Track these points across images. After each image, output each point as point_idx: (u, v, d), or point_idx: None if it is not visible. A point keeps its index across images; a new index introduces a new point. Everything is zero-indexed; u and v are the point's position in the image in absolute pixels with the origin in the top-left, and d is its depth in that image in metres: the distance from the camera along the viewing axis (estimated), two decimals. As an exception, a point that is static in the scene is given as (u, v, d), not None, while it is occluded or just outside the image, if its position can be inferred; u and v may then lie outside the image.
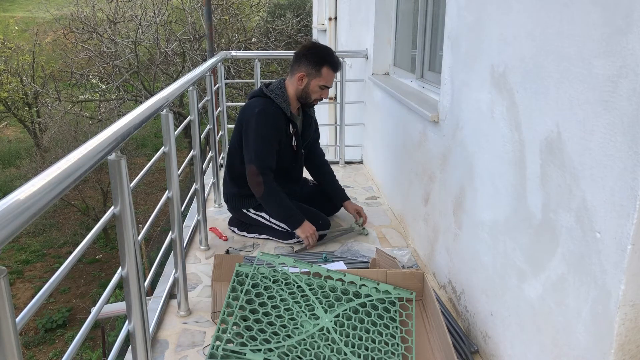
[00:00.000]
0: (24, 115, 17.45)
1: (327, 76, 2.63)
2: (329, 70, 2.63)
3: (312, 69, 2.62)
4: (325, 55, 2.64)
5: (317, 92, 2.66)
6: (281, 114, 2.64)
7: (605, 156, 1.16)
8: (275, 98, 2.63)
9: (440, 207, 2.29)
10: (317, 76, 2.63)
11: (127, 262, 1.37)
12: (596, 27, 1.18)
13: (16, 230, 0.80)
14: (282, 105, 2.63)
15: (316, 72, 2.62)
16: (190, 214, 2.99)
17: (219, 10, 14.36)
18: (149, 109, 1.54)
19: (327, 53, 2.66)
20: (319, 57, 2.62)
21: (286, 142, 2.69)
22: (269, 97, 2.64)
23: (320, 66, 2.61)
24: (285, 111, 2.64)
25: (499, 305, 1.73)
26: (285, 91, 2.68)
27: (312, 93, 2.66)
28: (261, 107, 2.61)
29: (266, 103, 2.63)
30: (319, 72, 2.62)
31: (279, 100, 2.63)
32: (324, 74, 2.62)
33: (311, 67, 2.62)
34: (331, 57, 2.65)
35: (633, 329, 1.15)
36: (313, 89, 2.65)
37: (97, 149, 1.15)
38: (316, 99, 2.69)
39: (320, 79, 2.63)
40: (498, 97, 1.70)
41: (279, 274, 2.01)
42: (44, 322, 9.77)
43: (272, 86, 2.70)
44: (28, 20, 22.57)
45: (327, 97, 2.72)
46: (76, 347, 1.20)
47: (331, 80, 2.67)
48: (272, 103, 2.63)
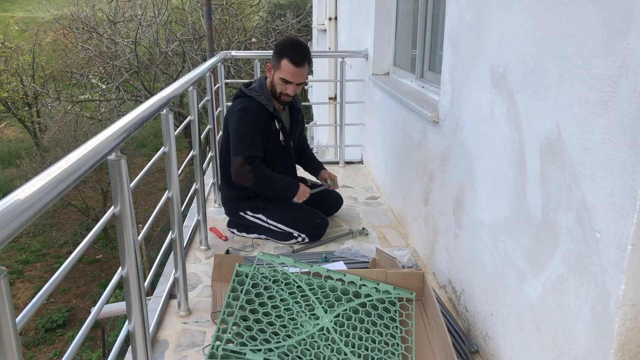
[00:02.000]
0: (24, 115, 17.44)
1: (285, 69, 2.57)
2: (288, 62, 2.55)
3: (275, 60, 2.61)
4: (286, 48, 2.58)
5: (279, 84, 2.62)
6: (263, 110, 2.64)
7: (605, 156, 1.16)
8: (256, 96, 2.64)
9: (440, 207, 2.29)
10: (278, 68, 2.60)
11: (127, 262, 1.37)
12: (596, 27, 1.18)
13: (16, 230, 0.80)
14: (263, 102, 2.63)
15: (277, 63, 2.60)
16: (190, 214, 2.99)
17: (219, 10, 14.36)
18: (149, 109, 1.54)
19: (290, 46, 2.60)
20: (280, 49, 2.59)
21: (273, 138, 2.70)
22: (249, 96, 2.65)
23: (280, 58, 2.57)
24: (267, 107, 2.64)
25: (499, 305, 1.73)
26: (265, 88, 2.68)
27: (276, 85, 2.63)
28: (241, 105, 2.64)
29: (246, 101, 2.65)
30: (279, 63, 2.58)
31: (260, 98, 2.64)
32: (283, 67, 2.57)
33: (274, 58, 2.61)
34: (292, 50, 2.57)
35: (633, 329, 1.15)
36: (276, 81, 2.62)
37: (97, 149, 1.15)
38: (282, 92, 2.64)
39: (280, 72, 2.59)
40: (498, 97, 1.70)
41: (279, 274, 2.01)
42: (44, 322, 9.77)
43: (253, 85, 2.71)
44: (28, 20, 22.56)
45: (291, 92, 2.64)
46: (76, 347, 1.20)
47: (293, 75, 2.58)
48: (253, 101, 2.64)
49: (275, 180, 2.62)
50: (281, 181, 2.64)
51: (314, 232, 2.70)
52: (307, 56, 2.62)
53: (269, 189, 2.65)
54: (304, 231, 2.68)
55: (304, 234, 2.68)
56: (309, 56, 2.63)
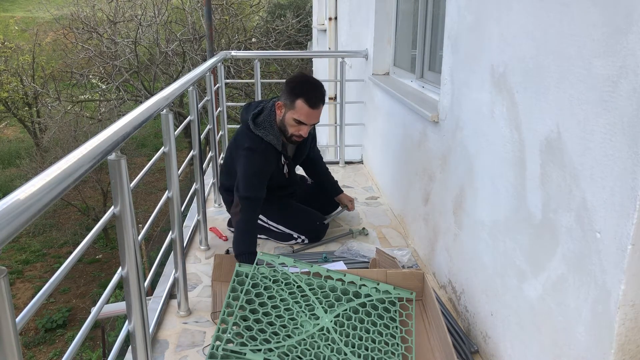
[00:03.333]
0: (24, 115, 17.44)
1: (300, 110, 2.39)
2: (304, 104, 2.37)
3: (288, 99, 2.42)
4: (303, 88, 2.41)
5: (292, 125, 2.44)
6: (272, 150, 2.49)
7: (605, 156, 1.16)
8: (264, 135, 2.46)
9: (440, 207, 2.29)
10: (291, 108, 2.41)
11: (127, 262, 1.37)
12: (596, 27, 1.18)
13: (16, 230, 0.80)
14: (272, 142, 2.47)
15: (290, 103, 2.41)
16: (190, 214, 2.99)
17: (219, 10, 14.35)
18: (149, 109, 1.54)
19: (306, 86, 2.43)
20: (296, 88, 2.41)
21: (278, 173, 2.60)
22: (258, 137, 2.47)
23: (295, 97, 2.39)
24: (276, 146, 2.48)
25: (499, 305, 1.73)
26: (274, 123, 2.49)
27: (288, 126, 2.45)
28: (250, 144, 2.46)
29: (256, 140, 2.47)
30: (293, 103, 2.40)
31: (269, 137, 2.46)
32: (298, 107, 2.39)
33: (287, 97, 2.42)
34: (309, 90, 2.41)
35: (633, 329, 1.15)
36: (288, 121, 2.44)
37: (97, 149, 1.15)
38: (293, 133, 2.47)
39: (294, 112, 2.41)
40: (498, 97, 1.70)
41: (279, 274, 2.01)
42: (44, 322, 9.77)
43: (262, 119, 2.50)
44: (28, 20, 22.56)
45: (305, 134, 2.47)
46: (76, 347, 1.20)
47: (307, 117, 2.41)
48: (262, 142, 2.46)
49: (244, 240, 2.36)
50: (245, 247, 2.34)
51: (314, 234, 2.70)
52: (323, 97, 2.45)
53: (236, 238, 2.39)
54: (304, 233, 2.68)
55: (304, 236, 2.68)
56: (324, 97, 2.47)
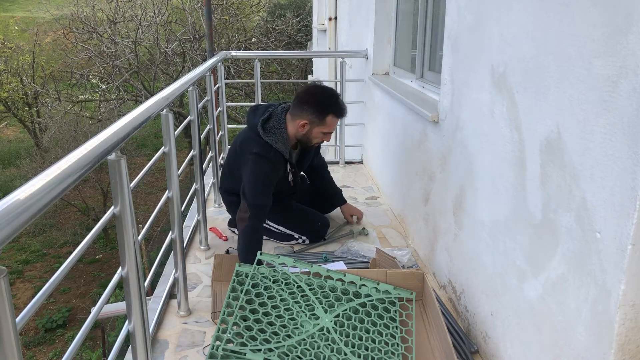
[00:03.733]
0: (24, 115, 17.44)
1: (331, 124, 2.49)
2: (334, 118, 2.48)
3: (316, 117, 2.45)
4: (330, 104, 2.47)
5: (319, 137, 2.52)
6: (280, 158, 2.50)
7: (605, 156, 1.16)
8: (273, 143, 2.46)
9: (440, 207, 2.29)
10: (321, 124, 2.47)
11: (127, 262, 1.37)
12: (596, 27, 1.18)
13: (16, 230, 0.80)
14: (280, 150, 2.47)
15: (320, 120, 2.46)
16: (190, 214, 2.99)
17: (219, 10, 14.36)
18: (149, 109, 1.54)
19: (332, 101, 2.49)
20: (323, 106, 2.46)
21: (283, 180, 2.61)
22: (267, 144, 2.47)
23: (325, 115, 2.45)
24: (284, 154, 2.50)
25: (499, 305, 1.73)
26: (284, 131, 2.49)
27: (314, 139, 2.53)
28: (259, 150, 2.46)
29: (264, 147, 2.47)
30: (323, 120, 2.46)
31: (278, 145, 2.46)
32: (328, 122, 2.47)
33: (315, 115, 2.44)
34: (336, 105, 2.48)
35: (633, 329, 1.15)
36: (315, 135, 2.51)
37: (97, 149, 1.15)
38: (317, 142, 2.58)
39: (324, 127, 2.48)
40: (498, 97, 1.70)
41: (279, 274, 2.01)
42: (44, 322, 9.77)
43: (271, 125, 2.49)
44: (28, 20, 22.56)
45: (329, 140, 2.61)
46: (76, 347, 1.20)
47: (334, 127, 2.54)
48: (271, 149, 2.46)
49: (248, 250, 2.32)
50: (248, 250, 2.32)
51: (315, 235, 2.70)
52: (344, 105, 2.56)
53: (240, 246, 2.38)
54: (304, 233, 2.68)
55: (304, 236, 2.68)
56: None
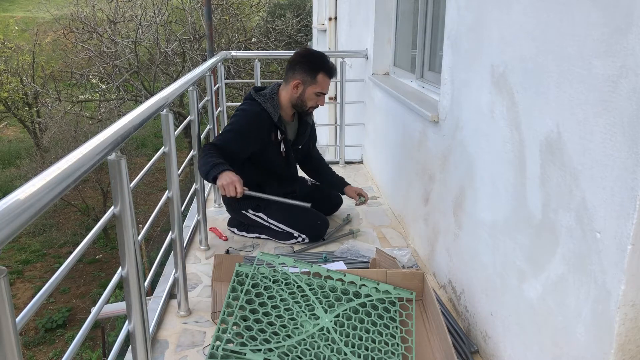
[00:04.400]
0: (24, 115, 17.44)
1: (322, 83, 2.60)
2: (325, 76, 2.59)
3: (307, 76, 2.58)
4: (320, 62, 2.60)
5: (313, 99, 2.63)
6: (266, 118, 2.59)
7: (605, 156, 1.16)
8: (262, 102, 2.60)
9: (440, 207, 2.29)
10: (312, 83, 2.59)
11: (127, 262, 1.37)
12: (596, 27, 1.18)
13: (16, 230, 0.80)
14: (268, 110, 2.59)
15: (312, 79, 2.58)
16: (190, 214, 2.99)
17: (219, 10, 14.35)
18: (149, 109, 1.54)
19: (322, 60, 2.62)
20: (314, 64, 2.59)
21: (273, 148, 2.66)
22: (256, 101, 2.62)
23: (316, 73, 2.58)
24: (272, 116, 2.59)
25: (499, 305, 1.73)
26: (276, 97, 2.63)
27: (308, 100, 2.63)
28: (244, 107, 2.61)
29: (252, 104, 2.61)
30: (315, 79, 2.58)
31: (266, 105, 2.59)
32: (320, 81, 2.59)
33: (306, 74, 2.58)
34: (326, 63, 2.61)
35: (633, 329, 1.15)
36: (309, 96, 2.62)
37: (97, 149, 1.15)
38: (312, 106, 2.66)
39: (316, 86, 2.59)
40: (498, 97, 1.70)
41: (279, 274, 2.01)
42: (44, 322, 9.77)
43: (264, 91, 2.66)
44: (28, 20, 22.57)
45: (323, 104, 2.68)
46: (76, 347, 1.20)
47: (327, 87, 2.63)
48: (259, 106, 2.60)
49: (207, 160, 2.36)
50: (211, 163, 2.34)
51: (314, 233, 2.70)
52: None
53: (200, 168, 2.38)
54: (304, 231, 2.68)
55: (304, 235, 2.68)
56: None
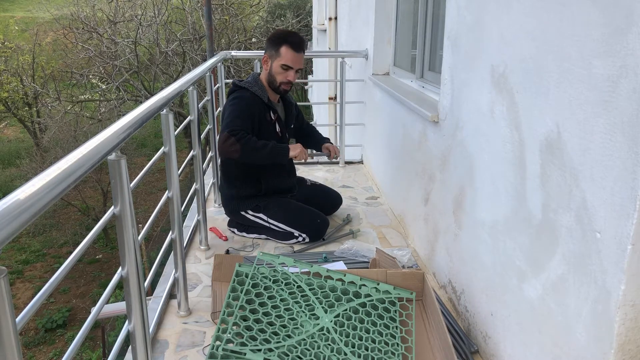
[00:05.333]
0: (24, 115, 17.45)
1: (286, 55, 2.63)
2: (288, 48, 2.62)
3: (272, 49, 2.66)
4: (283, 35, 2.67)
5: (280, 73, 2.66)
6: (257, 100, 2.67)
7: (605, 156, 1.16)
8: (250, 87, 2.67)
9: (440, 207, 2.29)
10: (277, 56, 2.65)
11: (127, 262, 1.37)
12: (596, 27, 1.18)
13: (16, 230, 0.80)
14: (257, 92, 2.66)
15: (276, 52, 2.65)
16: (190, 214, 2.99)
17: (219, 10, 14.36)
18: (149, 109, 1.54)
19: (287, 33, 2.69)
20: (278, 38, 2.66)
21: (269, 129, 2.72)
22: (243, 87, 2.69)
23: (279, 45, 2.63)
24: (262, 97, 2.67)
25: (499, 305, 1.73)
26: (259, 81, 2.72)
27: (277, 75, 2.67)
28: (235, 95, 2.67)
29: (240, 91, 2.68)
30: (278, 51, 2.64)
31: (254, 88, 2.67)
32: (283, 53, 2.63)
33: (271, 48, 2.66)
34: (291, 36, 2.66)
35: (633, 329, 1.15)
36: (276, 70, 2.66)
37: (97, 149, 1.15)
38: (282, 82, 2.68)
39: (280, 59, 2.64)
40: (498, 97, 1.70)
41: (279, 274, 2.01)
42: (44, 322, 9.77)
43: (246, 79, 2.75)
44: (28, 20, 22.57)
45: (292, 79, 2.68)
46: (76, 347, 1.20)
47: (293, 60, 2.65)
48: (247, 91, 2.67)
49: (261, 147, 2.52)
50: (267, 146, 2.53)
51: (314, 232, 2.70)
52: (304, 42, 2.72)
53: (258, 156, 2.52)
54: (304, 231, 2.68)
55: (304, 234, 2.68)
56: (305, 42, 2.72)
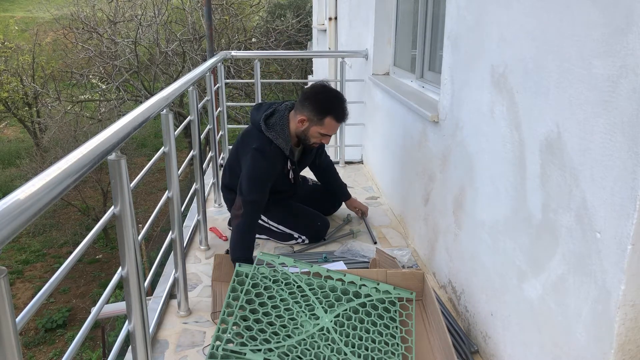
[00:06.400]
0: (24, 115, 17.45)
1: (329, 126, 2.45)
2: (332, 120, 2.44)
3: (315, 115, 2.43)
4: (331, 105, 2.45)
5: (317, 137, 2.50)
6: (279, 154, 2.50)
7: (605, 156, 1.16)
8: (274, 138, 2.47)
9: (440, 207, 2.29)
10: (318, 124, 2.44)
11: (127, 262, 1.37)
12: (596, 27, 1.18)
13: (16, 230, 0.80)
14: (281, 146, 2.47)
15: (318, 120, 2.44)
16: (190, 214, 2.99)
17: (219, 10, 14.36)
18: (149, 109, 1.54)
19: (333, 102, 2.47)
20: (324, 106, 2.44)
21: (283, 178, 2.61)
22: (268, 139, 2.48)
23: (324, 115, 2.43)
24: (284, 150, 2.49)
25: (499, 305, 1.73)
26: (286, 128, 2.49)
27: (312, 138, 2.50)
28: (258, 145, 2.47)
29: (265, 142, 2.47)
30: (322, 121, 2.43)
31: (279, 141, 2.47)
32: (327, 124, 2.44)
33: (314, 113, 2.43)
34: (337, 107, 2.46)
35: (633, 329, 1.15)
36: (313, 134, 2.48)
37: (97, 149, 1.15)
38: (315, 142, 2.53)
39: (322, 128, 2.45)
40: (498, 97, 1.70)
41: (279, 274, 2.01)
42: (44, 322, 9.77)
43: (274, 121, 2.50)
44: (28, 20, 22.57)
45: (328, 143, 2.56)
46: (76, 347, 1.20)
47: (333, 130, 2.49)
48: (271, 144, 2.47)
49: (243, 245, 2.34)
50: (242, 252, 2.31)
51: (314, 234, 2.70)
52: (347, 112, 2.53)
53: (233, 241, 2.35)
54: (304, 233, 2.68)
55: (304, 236, 2.68)
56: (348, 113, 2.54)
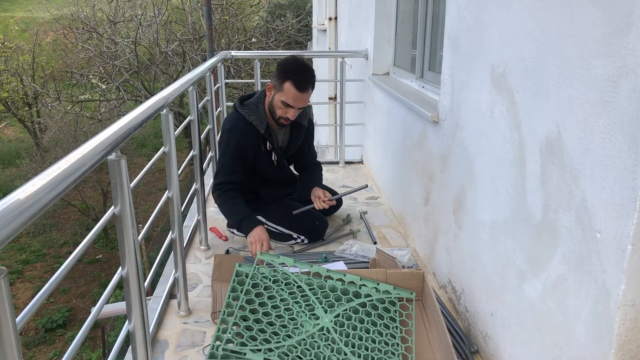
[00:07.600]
0: (24, 115, 17.46)
1: (287, 92, 2.42)
2: (291, 86, 2.41)
3: (277, 80, 2.46)
4: (291, 70, 2.44)
5: (280, 107, 2.48)
6: (252, 131, 2.51)
7: (605, 156, 1.16)
8: (247, 115, 2.51)
9: (440, 207, 2.29)
10: (279, 90, 2.45)
11: (127, 262, 1.37)
12: (596, 27, 1.18)
13: (16, 230, 0.80)
14: (254, 122, 2.50)
15: (279, 85, 2.45)
16: (190, 214, 2.99)
17: (219, 10, 14.37)
18: (149, 109, 1.54)
19: (295, 69, 2.45)
20: (285, 70, 2.45)
21: (263, 159, 2.61)
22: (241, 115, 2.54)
23: (283, 79, 2.43)
24: (258, 128, 2.50)
25: (499, 305, 1.73)
26: (261, 106, 2.54)
27: (276, 108, 2.49)
28: (231, 124, 2.53)
29: (237, 119, 2.53)
30: (282, 85, 2.44)
31: (251, 118, 2.51)
32: (285, 89, 2.42)
33: (277, 78, 2.46)
34: (297, 73, 2.43)
35: (633, 329, 1.15)
36: (276, 103, 2.48)
37: (97, 149, 1.15)
38: (281, 116, 2.50)
39: (282, 94, 2.44)
40: (498, 97, 1.70)
41: (279, 274, 2.01)
42: (44, 322, 9.78)
43: (249, 101, 2.57)
44: (28, 20, 22.58)
45: (292, 117, 2.50)
46: (76, 347, 1.20)
47: (294, 99, 2.44)
48: (244, 120, 2.51)
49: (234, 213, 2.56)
50: (238, 215, 2.54)
51: (313, 234, 2.70)
52: (312, 81, 2.48)
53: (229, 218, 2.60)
54: (303, 233, 2.68)
55: (303, 236, 2.68)
56: (313, 81, 2.49)
